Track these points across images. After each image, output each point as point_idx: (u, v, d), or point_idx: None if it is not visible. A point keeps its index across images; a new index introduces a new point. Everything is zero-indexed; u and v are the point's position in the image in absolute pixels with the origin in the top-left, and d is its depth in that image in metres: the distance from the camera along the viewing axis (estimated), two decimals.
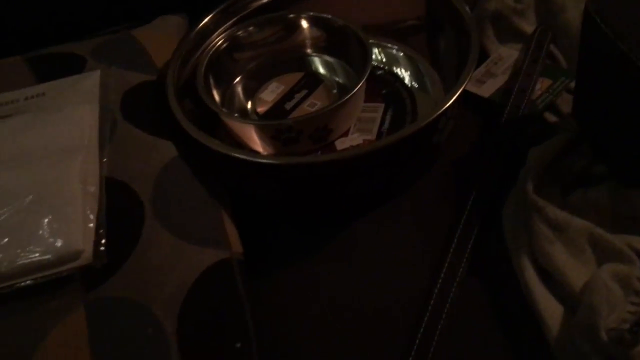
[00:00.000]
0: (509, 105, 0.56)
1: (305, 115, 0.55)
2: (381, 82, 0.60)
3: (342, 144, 0.55)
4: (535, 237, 0.44)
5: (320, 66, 0.63)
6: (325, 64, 0.63)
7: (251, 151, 0.54)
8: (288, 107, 0.58)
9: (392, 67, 0.62)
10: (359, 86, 0.53)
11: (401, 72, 0.62)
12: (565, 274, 0.42)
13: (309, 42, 0.63)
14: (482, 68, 0.61)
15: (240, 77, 0.62)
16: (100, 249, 0.42)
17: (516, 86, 0.57)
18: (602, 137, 0.48)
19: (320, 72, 0.62)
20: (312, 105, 0.57)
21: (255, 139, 0.53)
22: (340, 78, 0.61)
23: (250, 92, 0.60)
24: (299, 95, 0.59)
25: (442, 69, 0.60)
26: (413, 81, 0.61)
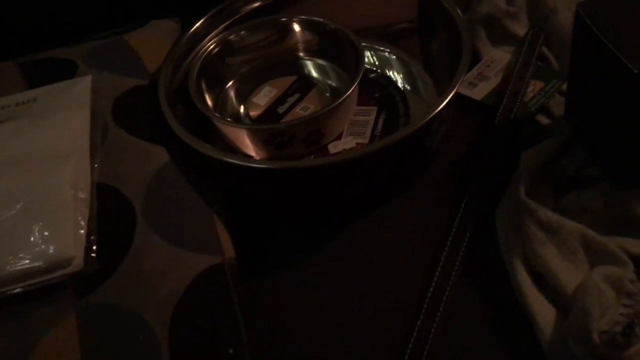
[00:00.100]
0: (501, 107, 0.56)
1: (298, 119, 0.55)
2: (374, 85, 0.60)
3: (335, 148, 0.55)
4: (528, 240, 0.44)
5: (313, 70, 0.63)
6: (318, 68, 0.63)
7: (244, 155, 0.54)
8: (281, 110, 0.58)
9: (385, 70, 0.62)
10: (351, 89, 0.53)
11: (394, 75, 0.62)
12: (557, 277, 0.42)
13: (301, 46, 0.63)
14: (474, 71, 0.61)
15: (233, 81, 0.62)
16: (92, 256, 0.42)
17: (509, 89, 0.57)
18: (595, 139, 0.48)
19: (313, 75, 0.62)
20: (305, 109, 0.57)
21: (248, 143, 0.53)
22: (333, 81, 0.61)
23: (243, 96, 0.60)
24: (291, 99, 0.58)
25: (435, 71, 0.60)
26: (406, 84, 0.61)
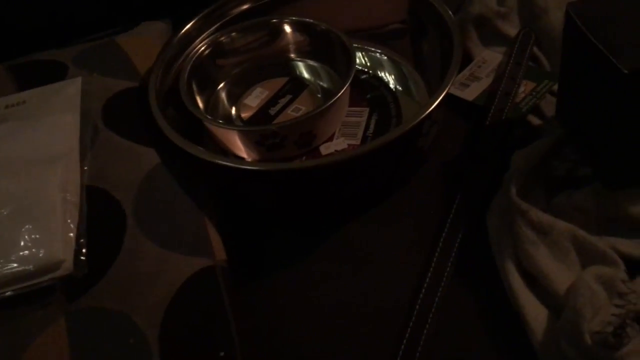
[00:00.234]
0: (492, 108, 0.56)
1: (290, 121, 0.55)
2: (366, 87, 0.60)
3: (327, 149, 0.55)
4: (519, 241, 0.44)
5: (305, 71, 0.62)
6: (310, 69, 0.62)
7: (235, 158, 0.54)
8: (272, 112, 0.58)
9: (377, 71, 0.62)
10: (343, 90, 0.53)
11: (385, 76, 0.62)
12: (549, 277, 0.42)
13: (292, 47, 0.63)
14: (466, 71, 0.61)
15: (224, 83, 0.62)
16: (81, 259, 0.42)
17: (500, 89, 0.57)
18: (586, 139, 0.48)
19: (305, 76, 0.62)
20: (297, 110, 0.57)
21: (239, 145, 0.53)
22: (325, 83, 0.61)
23: (235, 98, 0.60)
24: (283, 101, 0.58)
25: (426, 72, 0.60)
26: (397, 85, 0.60)
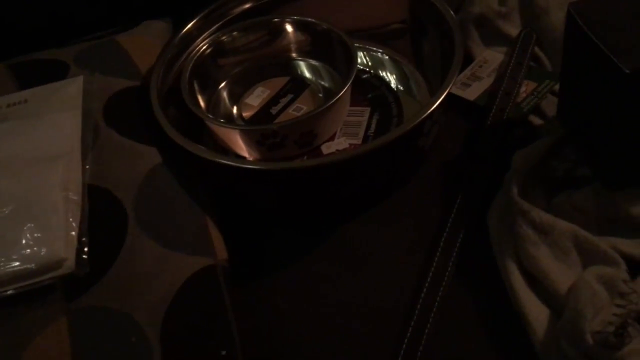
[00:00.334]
0: (494, 108, 0.56)
1: (291, 120, 0.55)
2: (367, 86, 0.60)
3: (328, 149, 0.55)
4: (520, 241, 0.44)
5: (306, 70, 0.62)
6: (311, 68, 0.62)
7: (236, 157, 0.54)
8: (274, 111, 0.58)
9: (378, 70, 0.62)
10: (344, 90, 0.53)
11: (387, 76, 0.62)
12: (550, 277, 0.42)
13: (293, 47, 0.63)
14: (467, 71, 0.61)
15: (226, 82, 0.62)
16: (83, 257, 0.42)
17: (501, 89, 0.57)
18: (587, 139, 0.48)
19: (306, 76, 0.62)
20: (298, 110, 0.57)
21: (240, 145, 0.53)
22: (326, 82, 0.61)
23: (236, 97, 0.60)
24: (284, 100, 0.58)
25: (428, 72, 0.60)
26: (399, 85, 0.60)
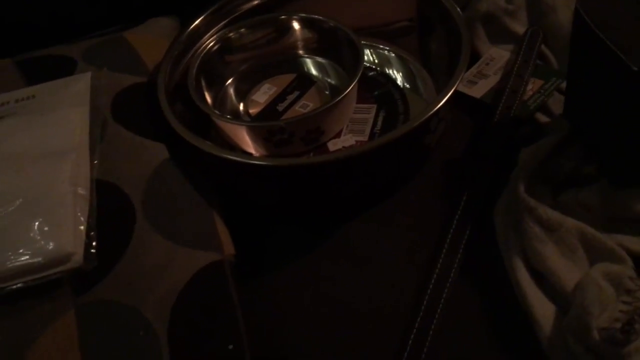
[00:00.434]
0: (500, 106, 0.56)
1: (297, 117, 0.55)
2: (373, 84, 0.60)
3: (334, 145, 0.55)
4: (527, 237, 0.44)
5: (312, 67, 0.63)
6: (317, 66, 0.63)
7: (243, 153, 0.54)
8: (280, 108, 0.58)
9: (384, 68, 0.62)
10: (350, 87, 0.53)
11: (393, 73, 0.62)
12: (557, 274, 0.42)
13: (300, 44, 0.63)
14: (473, 69, 0.61)
15: (232, 79, 0.62)
16: (91, 252, 0.42)
17: (508, 87, 0.57)
18: (593, 137, 0.48)
19: (313, 73, 0.62)
20: (304, 107, 0.57)
21: (247, 141, 0.53)
22: (332, 79, 0.61)
23: (242, 94, 0.60)
24: (291, 97, 0.58)
25: (434, 70, 0.60)
26: (405, 82, 0.61)
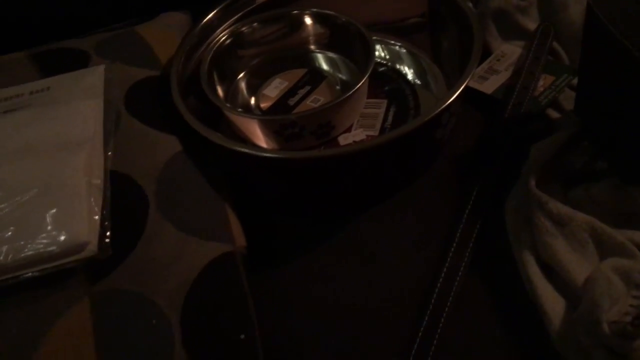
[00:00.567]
0: (511, 101, 0.56)
1: (309, 111, 0.55)
2: (384, 79, 0.60)
3: (345, 140, 0.55)
4: (538, 232, 0.44)
5: (324, 62, 0.63)
6: (329, 61, 0.63)
7: (254, 146, 0.55)
8: (291, 102, 0.58)
9: (395, 63, 0.62)
10: (362, 82, 0.53)
11: (404, 69, 0.62)
12: (567, 268, 0.42)
13: (312, 39, 0.63)
14: (484, 65, 0.61)
15: (244, 73, 0.62)
16: (105, 242, 0.42)
17: (519, 83, 0.57)
18: (604, 133, 0.48)
19: (324, 68, 0.62)
20: (316, 101, 0.58)
21: (258, 134, 0.54)
22: (344, 74, 0.61)
23: (254, 88, 0.61)
24: (302, 91, 0.59)
25: (445, 65, 0.61)
26: (416, 78, 0.61)
